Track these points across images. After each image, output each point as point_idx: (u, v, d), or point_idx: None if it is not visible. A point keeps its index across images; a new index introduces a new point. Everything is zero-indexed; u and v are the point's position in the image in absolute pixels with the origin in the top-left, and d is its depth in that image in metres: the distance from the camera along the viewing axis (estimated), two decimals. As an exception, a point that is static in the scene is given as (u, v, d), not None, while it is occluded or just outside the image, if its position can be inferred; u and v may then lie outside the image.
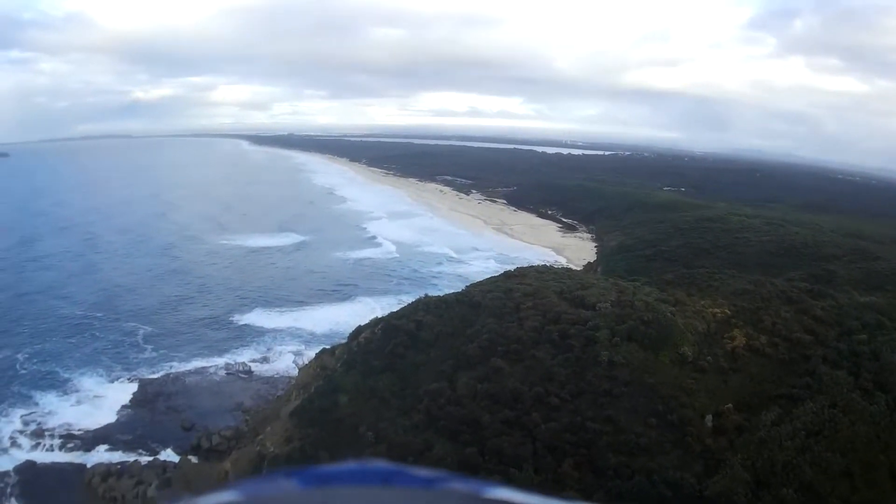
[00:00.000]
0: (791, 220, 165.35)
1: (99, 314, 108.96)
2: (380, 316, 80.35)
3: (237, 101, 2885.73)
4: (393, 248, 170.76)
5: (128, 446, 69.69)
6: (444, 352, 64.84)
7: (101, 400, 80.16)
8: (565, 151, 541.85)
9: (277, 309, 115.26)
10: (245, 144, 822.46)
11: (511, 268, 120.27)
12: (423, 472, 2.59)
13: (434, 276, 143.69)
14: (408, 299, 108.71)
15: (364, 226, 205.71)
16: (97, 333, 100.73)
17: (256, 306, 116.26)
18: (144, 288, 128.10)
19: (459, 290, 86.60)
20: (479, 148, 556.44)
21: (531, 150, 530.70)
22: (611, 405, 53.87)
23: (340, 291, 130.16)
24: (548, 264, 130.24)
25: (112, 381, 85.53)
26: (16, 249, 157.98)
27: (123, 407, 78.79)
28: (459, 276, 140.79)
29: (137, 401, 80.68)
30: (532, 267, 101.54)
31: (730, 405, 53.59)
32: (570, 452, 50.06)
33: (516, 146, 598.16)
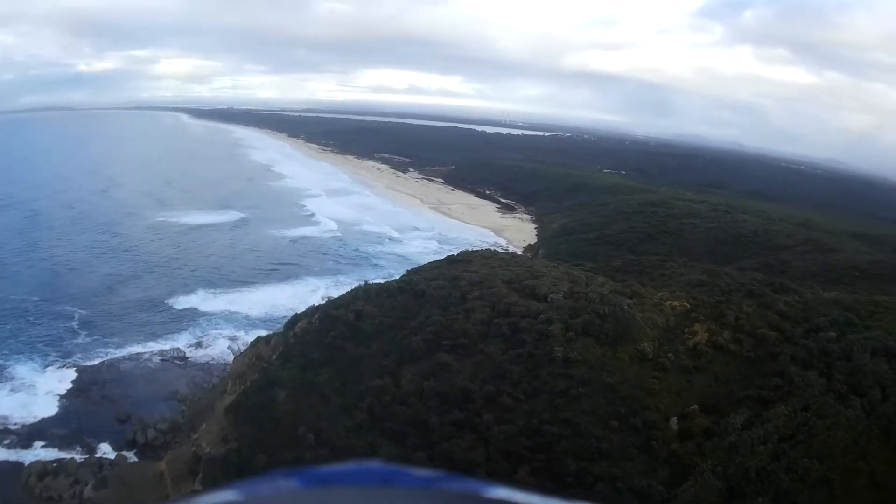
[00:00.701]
0: (737, 207, 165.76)
1: (34, 297, 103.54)
2: (317, 304, 77.35)
3: (178, 75, 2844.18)
4: (332, 226, 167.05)
5: (64, 442, 66.39)
6: (387, 345, 60.84)
7: (37, 389, 76.54)
8: (505, 131, 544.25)
9: (213, 290, 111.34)
10: (185, 118, 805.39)
11: (452, 249, 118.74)
12: (422, 472, 2.60)
13: (374, 256, 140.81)
14: (347, 280, 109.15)
15: (302, 203, 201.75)
16: (32, 318, 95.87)
17: (193, 288, 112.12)
18: (83, 268, 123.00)
19: (401, 274, 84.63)
20: (418, 126, 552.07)
21: (471, 129, 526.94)
22: (568, 406, 49.98)
23: (279, 271, 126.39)
24: (491, 248, 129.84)
25: (47, 369, 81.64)
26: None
27: (59, 397, 75.27)
28: (400, 255, 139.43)
29: (73, 390, 77.17)
30: (476, 252, 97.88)
31: (695, 407, 50.25)
32: (526, 458, 46.64)
33: (456, 125, 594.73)
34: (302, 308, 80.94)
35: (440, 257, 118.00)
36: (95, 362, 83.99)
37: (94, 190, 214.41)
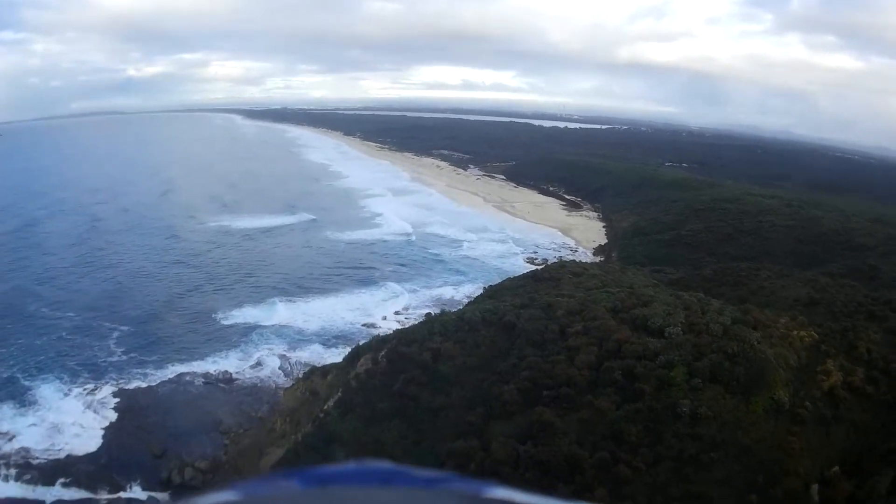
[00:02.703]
0: (808, 202, 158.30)
1: (70, 313, 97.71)
2: (384, 333, 72.71)
3: (230, 77, 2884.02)
4: (400, 227, 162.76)
5: (90, 479, 60.57)
6: (471, 393, 52.42)
7: (64, 416, 70.44)
8: (562, 125, 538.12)
9: (274, 300, 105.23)
10: (238, 119, 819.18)
11: (524, 251, 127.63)
12: (423, 472, 2.66)
13: (448, 260, 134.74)
14: (416, 287, 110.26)
15: (366, 203, 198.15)
16: (65, 335, 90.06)
17: (248, 300, 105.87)
18: (134, 278, 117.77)
19: (481, 283, 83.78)
20: (474, 121, 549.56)
21: (528, 124, 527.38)
22: (699, 477, 41.55)
23: (348, 276, 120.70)
24: (561, 249, 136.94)
25: (78, 394, 75.56)
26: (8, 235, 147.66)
27: (88, 427, 69.04)
28: (474, 259, 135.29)
29: (105, 419, 70.85)
30: (563, 265, 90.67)
31: (836, 469, 42.52)
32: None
33: (512, 119, 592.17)
34: (367, 320, 78.92)
35: (514, 260, 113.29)
36: (132, 386, 78.19)
37: (152, 193, 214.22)
